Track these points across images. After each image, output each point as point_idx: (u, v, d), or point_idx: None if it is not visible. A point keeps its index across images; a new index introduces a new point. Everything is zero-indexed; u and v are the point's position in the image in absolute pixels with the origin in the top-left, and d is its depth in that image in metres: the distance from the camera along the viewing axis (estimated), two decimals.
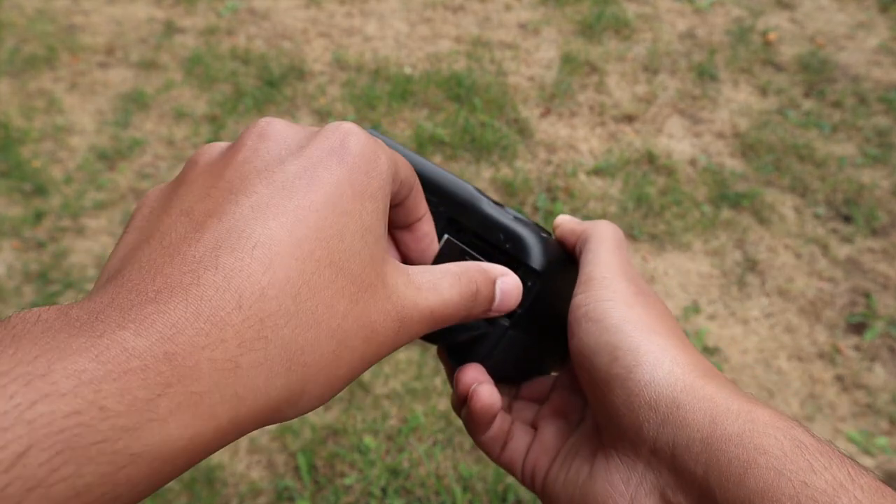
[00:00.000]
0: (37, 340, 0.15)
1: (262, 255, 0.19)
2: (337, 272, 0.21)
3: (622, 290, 0.28)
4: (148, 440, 0.16)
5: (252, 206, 0.20)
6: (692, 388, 0.25)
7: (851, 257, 1.44)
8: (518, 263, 0.30)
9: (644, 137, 1.71)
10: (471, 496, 1.10)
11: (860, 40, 1.99)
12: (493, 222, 0.31)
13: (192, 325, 0.17)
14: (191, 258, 0.19)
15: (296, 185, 0.21)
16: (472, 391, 0.29)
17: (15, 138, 1.71)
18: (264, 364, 0.18)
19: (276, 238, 0.19)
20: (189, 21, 2.09)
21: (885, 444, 1.17)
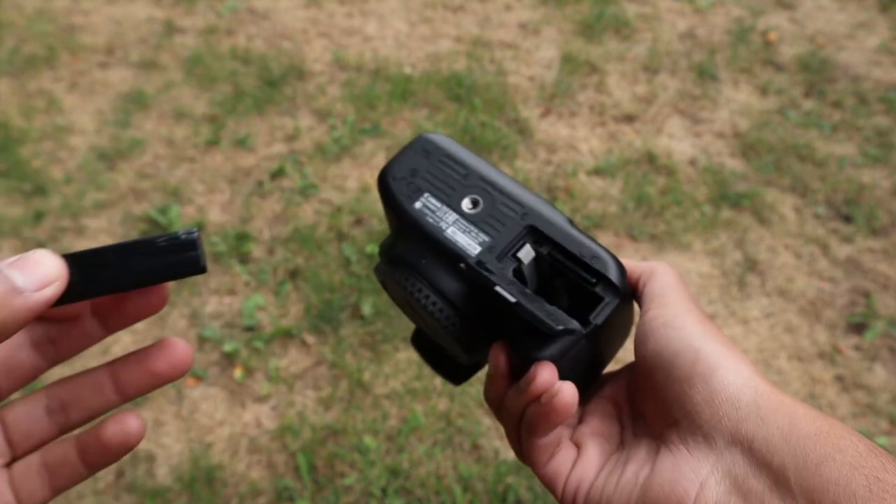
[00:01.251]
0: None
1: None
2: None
3: (693, 308, 0.32)
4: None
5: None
6: (770, 394, 0.28)
7: (852, 257, 1.44)
8: (599, 277, 0.32)
9: (644, 137, 1.71)
10: (471, 496, 1.10)
11: (860, 40, 1.98)
12: (577, 237, 0.33)
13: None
14: None
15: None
16: (558, 387, 0.30)
17: (15, 138, 1.71)
18: None
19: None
20: (189, 21, 2.09)
21: (885, 444, 1.17)
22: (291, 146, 1.70)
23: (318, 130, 1.74)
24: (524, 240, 0.33)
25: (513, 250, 0.33)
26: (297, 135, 1.72)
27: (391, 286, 0.36)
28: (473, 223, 0.34)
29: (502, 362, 0.33)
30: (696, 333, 0.30)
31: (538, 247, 0.33)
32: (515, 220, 0.33)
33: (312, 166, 1.64)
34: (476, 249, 0.33)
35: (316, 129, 1.74)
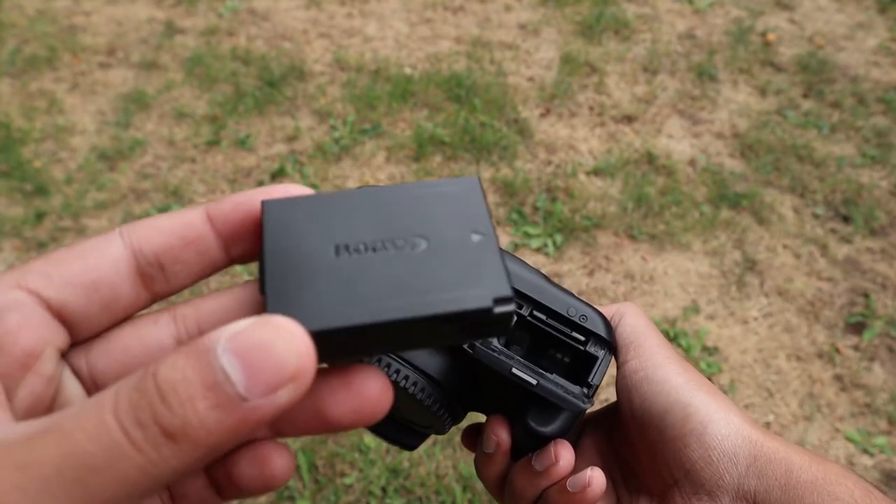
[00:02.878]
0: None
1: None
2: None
3: (671, 355, 0.31)
4: None
5: None
6: (763, 442, 0.28)
7: (850, 257, 1.45)
8: (589, 335, 0.31)
9: (644, 138, 1.71)
10: (470, 495, 1.10)
11: (859, 41, 1.99)
12: (556, 294, 0.32)
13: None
14: None
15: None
16: (588, 476, 0.29)
17: (16, 138, 1.71)
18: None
19: None
20: (189, 21, 2.09)
21: (883, 444, 1.17)
22: (292, 146, 1.70)
23: (318, 131, 1.74)
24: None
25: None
26: (298, 135, 1.73)
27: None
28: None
29: (504, 440, 0.32)
30: (682, 387, 0.29)
31: (519, 308, 0.31)
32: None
33: (313, 166, 1.64)
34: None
35: (316, 130, 1.75)
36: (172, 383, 0.15)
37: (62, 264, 0.19)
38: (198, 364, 0.15)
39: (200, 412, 0.15)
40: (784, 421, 1.21)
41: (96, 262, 0.20)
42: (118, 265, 0.20)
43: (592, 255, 1.45)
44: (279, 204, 0.20)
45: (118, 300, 0.20)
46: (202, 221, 0.21)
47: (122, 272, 0.20)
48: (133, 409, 0.15)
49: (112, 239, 0.20)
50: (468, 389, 0.32)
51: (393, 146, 1.69)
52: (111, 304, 0.20)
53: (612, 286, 1.40)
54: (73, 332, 0.20)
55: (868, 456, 1.16)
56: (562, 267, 1.43)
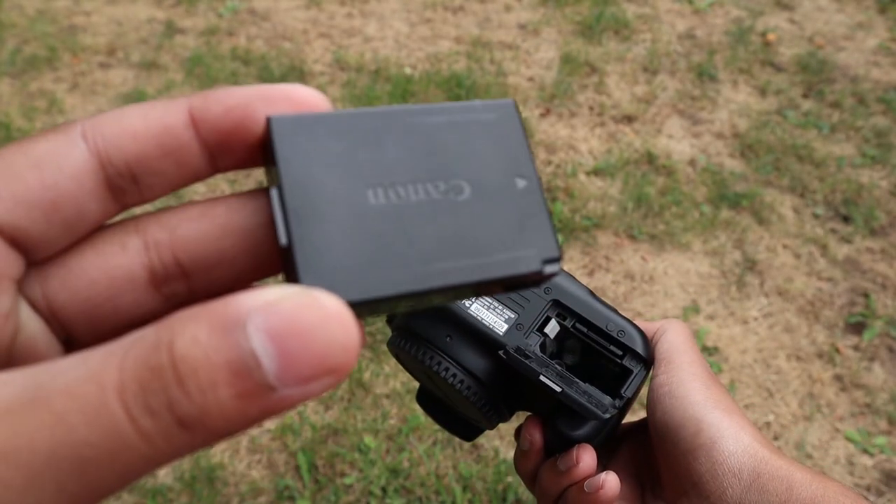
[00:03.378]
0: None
1: None
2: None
3: (699, 373, 0.33)
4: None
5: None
6: (768, 460, 0.29)
7: (850, 257, 1.45)
8: (626, 350, 0.33)
9: (644, 138, 1.71)
10: (471, 495, 1.10)
11: (859, 41, 1.99)
12: (600, 310, 0.34)
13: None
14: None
15: None
16: (602, 479, 0.32)
17: (16, 139, 1.71)
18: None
19: None
20: (189, 21, 2.09)
21: (883, 444, 1.17)
22: None
23: None
24: (549, 314, 0.34)
25: (539, 325, 0.34)
26: None
27: (408, 360, 0.36)
28: (497, 299, 0.34)
29: (537, 439, 0.34)
30: (699, 402, 0.31)
31: (563, 321, 0.34)
32: (539, 295, 0.35)
33: None
34: (503, 327, 0.33)
35: None
36: (193, 364, 0.13)
37: (14, 179, 0.16)
38: (224, 342, 0.13)
39: (222, 400, 0.13)
40: (784, 421, 1.21)
41: (56, 176, 0.16)
42: (82, 179, 0.16)
43: (592, 255, 1.45)
44: (290, 123, 0.17)
45: (82, 219, 0.17)
46: (185, 125, 0.17)
47: (88, 187, 0.17)
48: (143, 392, 0.13)
49: (73, 143, 0.16)
50: (514, 390, 0.35)
51: None
52: (74, 224, 0.17)
53: (613, 286, 1.40)
54: (29, 256, 0.17)
55: (868, 456, 1.16)
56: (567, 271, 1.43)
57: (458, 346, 0.34)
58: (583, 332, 0.34)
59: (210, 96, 0.17)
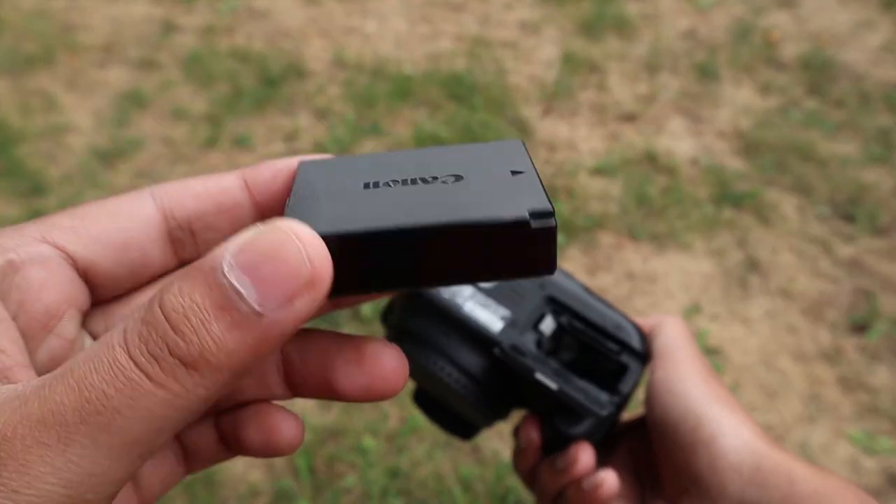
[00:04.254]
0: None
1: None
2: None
3: (698, 368, 0.33)
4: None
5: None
6: (769, 454, 0.29)
7: (854, 257, 1.44)
8: (623, 346, 0.33)
9: (645, 137, 1.70)
10: (471, 497, 1.09)
11: (863, 39, 1.98)
12: (596, 306, 0.34)
13: None
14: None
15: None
16: (601, 477, 0.32)
17: (12, 137, 1.71)
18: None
19: None
20: (188, 20, 2.08)
21: (887, 445, 1.16)
22: (291, 146, 1.69)
23: (317, 130, 1.74)
24: (544, 310, 0.34)
25: (534, 322, 0.33)
26: (297, 134, 1.72)
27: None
28: (491, 296, 0.34)
29: (535, 438, 0.34)
30: (698, 398, 0.31)
31: (558, 317, 0.34)
32: (533, 291, 0.34)
33: None
34: (498, 325, 0.33)
35: (315, 129, 1.74)
36: (181, 310, 0.14)
37: (91, 221, 0.18)
38: (204, 285, 0.14)
39: (217, 335, 0.14)
40: (787, 422, 1.20)
41: (127, 222, 0.19)
42: (149, 228, 0.19)
43: (593, 255, 1.44)
44: (315, 163, 0.20)
45: (147, 264, 0.19)
46: (239, 188, 0.20)
47: (153, 235, 0.19)
48: (144, 342, 0.14)
49: (143, 199, 0.19)
50: (511, 389, 0.34)
51: (393, 145, 1.68)
52: (139, 267, 0.19)
53: (614, 286, 1.39)
54: (96, 294, 0.19)
55: (872, 457, 1.15)
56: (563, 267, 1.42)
57: (453, 344, 0.34)
58: (579, 329, 0.33)
59: (260, 165, 0.20)
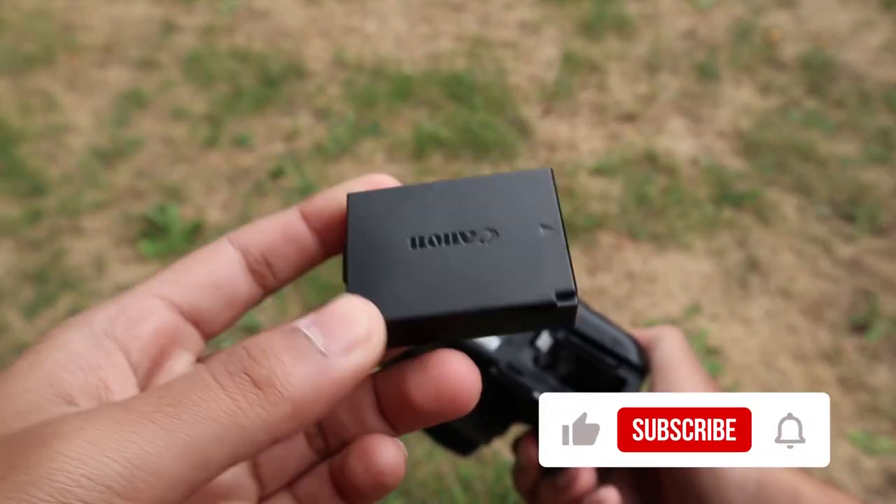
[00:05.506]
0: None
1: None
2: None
3: (697, 381, 0.33)
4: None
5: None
6: (772, 471, 0.29)
7: (854, 257, 1.44)
8: (621, 360, 0.33)
9: (645, 137, 1.70)
10: (471, 497, 1.09)
11: (863, 39, 1.98)
12: (592, 321, 0.34)
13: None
14: None
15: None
16: (603, 495, 0.32)
17: (12, 137, 1.70)
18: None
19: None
20: (188, 20, 2.08)
21: (887, 445, 1.16)
22: (291, 146, 1.69)
23: (317, 130, 1.73)
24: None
25: (531, 339, 0.33)
26: (297, 134, 1.72)
27: None
28: None
29: (534, 456, 0.34)
30: None
31: (555, 332, 0.34)
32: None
33: (312, 166, 1.63)
34: (495, 342, 0.33)
35: (315, 129, 1.74)
36: (260, 345, 0.17)
37: (186, 270, 0.22)
38: (281, 334, 0.18)
39: (286, 365, 0.17)
40: None
41: (215, 265, 0.22)
42: (233, 266, 0.22)
43: (594, 255, 1.44)
44: (362, 196, 0.22)
45: (238, 295, 0.22)
46: (298, 219, 0.23)
47: (238, 271, 0.22)
48: (223, 364, 0.17)
49: (222, 244, 0.23)
50: (509, 406, 0.34)
51: (393, 145, 1.68)
52: (233, 299, 0.22)
53: (614, 286, 1.39)
54: (204, 332, 0.22)
55: (872, 457, 1.15)
56: None
57: None
58: (575, 344, 0.33)
59: (314, 196, 0.23)
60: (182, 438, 0.15)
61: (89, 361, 0.19)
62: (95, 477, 0.14)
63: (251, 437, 0.16)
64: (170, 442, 0.15)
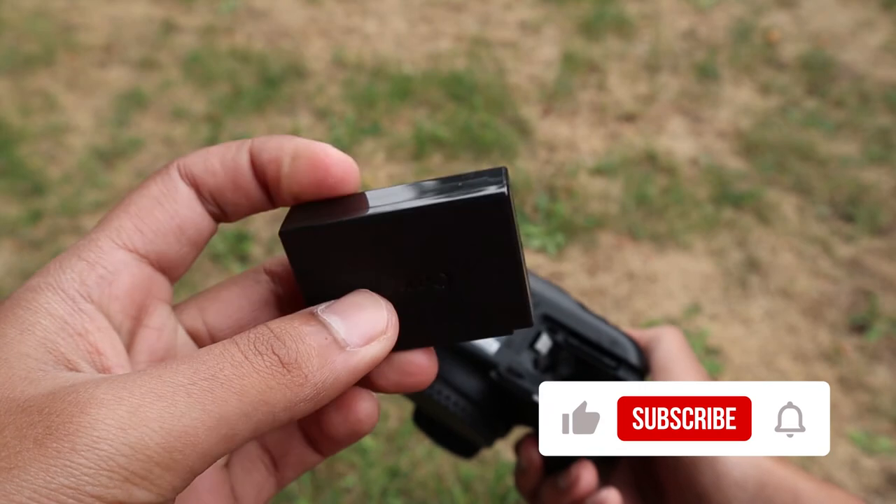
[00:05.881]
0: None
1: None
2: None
3: (697, 380, 0.33)
4: None
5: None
6: (773, 470, 0.29)
7: (854, 257, 1.44)
8: (620, 361, 0.33)
9: (645, 137, 1.70)
10: (471, 497, 1.09)
11: (863, 39, 1.98)
12: (591, 322, 0.34)
13: None
14: None
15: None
16: (604, 496, 0.32)
17: (12, 137, 1.70)
18: None
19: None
20: (188, 20, 2.08)
21: (887, 445, 1.16)
22: None
23: (317, 130, 1.73)
24: (539, 329, 0.34)
25: (530, 341, 0.33)
26: (297, 134, 1.71)
27: None
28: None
29: (536, 458, 0.34)
30: None
31: (554, 335, 0.34)
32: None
33: None
34: (494, 345, 0.34)
35: (315, 129, 1.74)
36: (286, 329, 0.18)
37: (147, 215, 0.21)
38: (303, 318, 0.19)
39: (311, 349, 0.18)
40: None
41: (175, 206, 0.21)
42: (192, 205, 0.22)
43: (593, 255, 1.44)
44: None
45: (201, 234, 0.22)
46: (247, 167, 0.22)
47: (198, 210, 0.22)
48: (252, 342, 0.18)
49: (174, 180, 0.21)
50: (510, 409, 0.35)
51: (392, 145, 1.68)
52: (196, 239, 0.22)
53: (614, 286, 1.39)
54: (171, 277, 0.22)
55: (871, 457, 1.15)
56: (563, 267, 1.42)
57: (449, 367, 0.34)
58: (574, 346, 0.34)
59: (266, 142, 0.22)
60: (216, 412, 0.16)
61: (76, 328, 0.19)
62: (137, 446, 0.15)
63: (273, 415, 0.17)
64: (204, 415, 0.16)
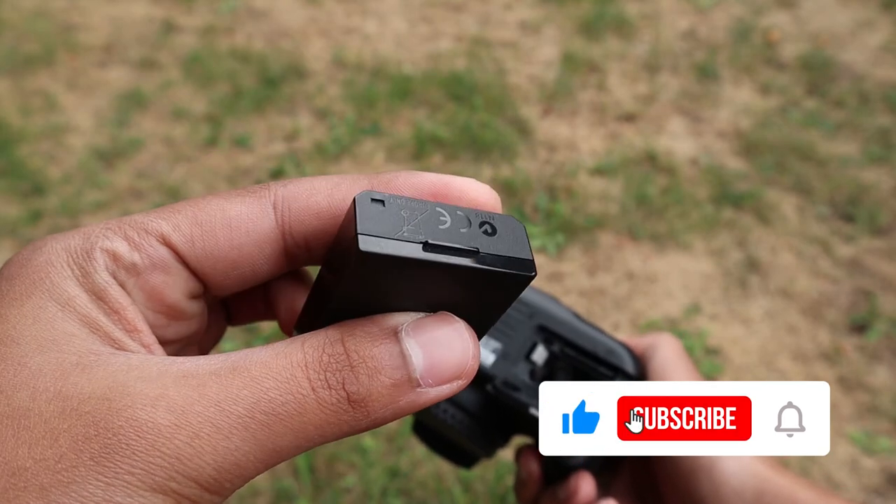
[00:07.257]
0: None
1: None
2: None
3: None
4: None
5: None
6: (771, 478, 0.29)
7: (854, 257, 1.44)
8: (616, 370, 0.33)
9: (645, 137, 1.70)
10: (471, 497, 1.09)
11: (863, 39, 1.98)
12: (586, 332, 0.34)
13: None
14: None
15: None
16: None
17: (12, 137, 1.70)
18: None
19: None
20: (188, 20, 2.08)
21: (887, 445, 1.16)
22: (291, 146, 1.69)
23: (317, 130, 1.73)
24: (535, 340, 0.34)
25: (526, 353, 0.33)
26: (297, 134, 1.72)
27: None
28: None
29: (535, 469, 0.34)
30: None
31: (550, 345, 0.34)
32: (523, 322, 0.34)
33: (312, 166, 1.63)
34: (490, 358, 0.33)
35: (315, 129, 1.74)
36: (363, 354, 0.16)
37: (209, 235, 0.19)
38: (386, 342, 0.17)
39: (382, 386, 0.16)
40: None
41: (243, 239, 0.19)
42: (264, 246, 0.19)
43: (593, 255, 1.44)
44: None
45: (255, 277, 0.20)
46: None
47: (267, 253, 0.19)
48: (324, 370, 0.16)
49: (265, 211, 0.19)
50: (507, 418, 0.35)
51: (393, 145, 1.68)
52: (247, 280, 0.20)
53: (614, 286, 1.39)
54: (207, 289, 0.20)
55: (871, 457, 1.15)
56: (563, 267, 1.42)
57: None
58: (570, 356, 0.34)
59: (395, 178, 0.19)
60: (270, 447, 0.16)
61: (112, 304, 0.19)
62: (191, 475, 0.15)
63: (322, 442, 0.17)
64: (257, 449, 0.16)
